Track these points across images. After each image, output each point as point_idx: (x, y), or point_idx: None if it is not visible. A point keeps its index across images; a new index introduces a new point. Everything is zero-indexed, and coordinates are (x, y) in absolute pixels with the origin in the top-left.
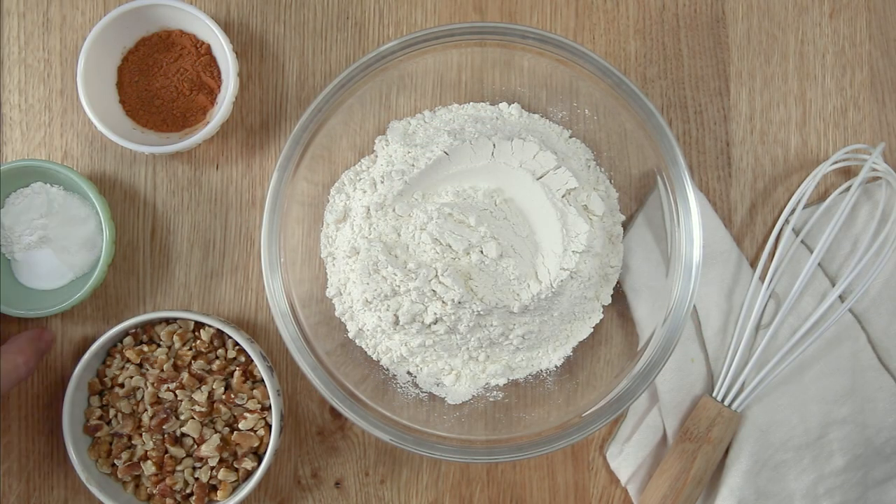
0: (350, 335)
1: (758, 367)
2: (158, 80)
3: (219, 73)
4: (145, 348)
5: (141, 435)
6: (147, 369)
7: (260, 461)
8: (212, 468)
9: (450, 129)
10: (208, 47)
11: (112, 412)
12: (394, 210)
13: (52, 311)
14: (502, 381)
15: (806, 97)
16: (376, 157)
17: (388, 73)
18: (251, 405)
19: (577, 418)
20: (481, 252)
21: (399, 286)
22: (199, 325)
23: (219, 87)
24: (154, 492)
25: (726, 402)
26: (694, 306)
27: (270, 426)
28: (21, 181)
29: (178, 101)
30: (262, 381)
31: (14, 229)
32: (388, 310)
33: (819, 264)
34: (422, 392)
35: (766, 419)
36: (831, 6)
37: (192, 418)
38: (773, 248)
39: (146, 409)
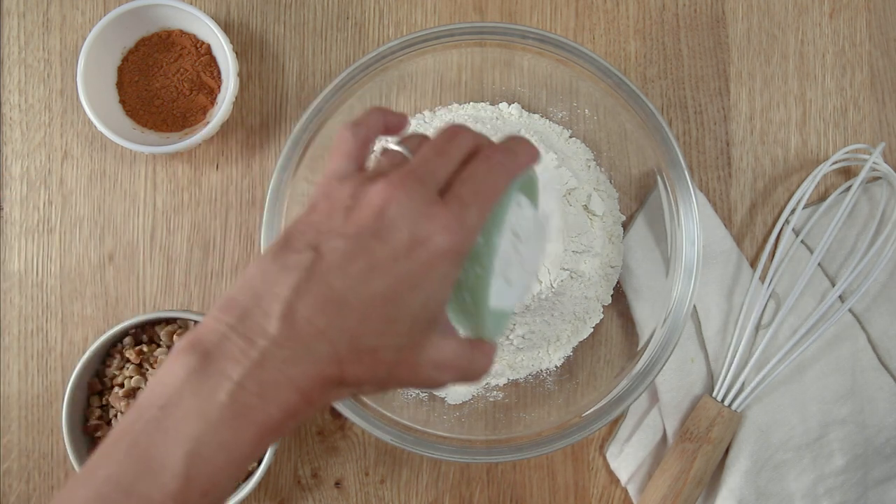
0: None
1: (758, 367)
2: (158, 80)
3: (219, 73)
4: (145, 348)
5: None
6: (147, 369)
7: (260, 461)
8: None
9: None
10: (208, 47)
11: (112, 412)
12: None
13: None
14: (502, 381)
15: (806, 97)
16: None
17: (388, 73)
18: None
19: (577, 418)
20: None
21: None
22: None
23: (219, 87)
24: None
25: (726, 402)
26: (694, 306)
27: None
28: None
29: (178, 101)
30: None
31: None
32: None
33: (819, 264)
34: (422, 392)
35: (766, 419)
36: (831, 6)
37: None
38: (773, 248)
39: None
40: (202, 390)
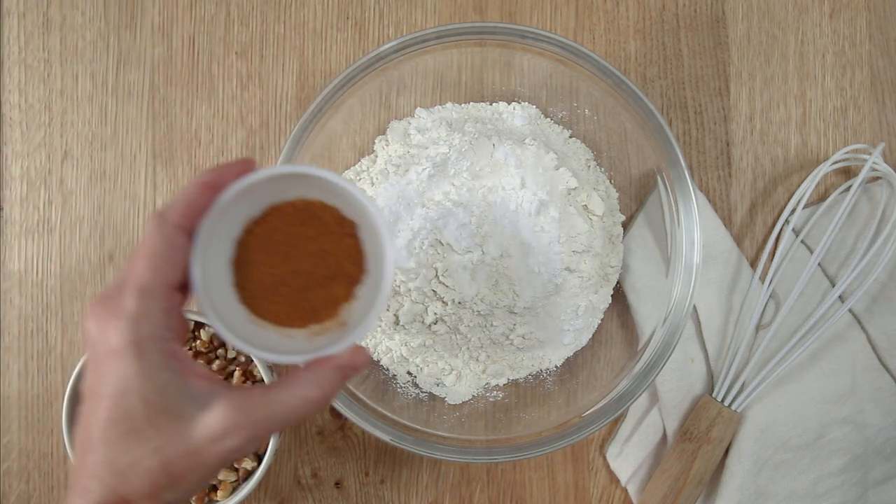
0: None
1: (758, 367)
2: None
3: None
4: None
5: None
6: None
7: (260, 461)
8: None
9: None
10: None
11: None
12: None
13: None
14: (502, 381)
15: (806, 97)
16: (376, 157)
17: (388, 73)
18: None
19: (577, 418)
20: (482, 252)
21: (399, 286)
22: (199, 325)
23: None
24: None
25: (726, 402)
26: (694, 306)
27: None
28: None
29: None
30: (262, 381)
31: None
32: (388, 310)
33: (819, 264)
34: (422, 392)
35: (766, 419)
36: (831, 6)
37: None
38: (773, 248)
39: None
40: None
